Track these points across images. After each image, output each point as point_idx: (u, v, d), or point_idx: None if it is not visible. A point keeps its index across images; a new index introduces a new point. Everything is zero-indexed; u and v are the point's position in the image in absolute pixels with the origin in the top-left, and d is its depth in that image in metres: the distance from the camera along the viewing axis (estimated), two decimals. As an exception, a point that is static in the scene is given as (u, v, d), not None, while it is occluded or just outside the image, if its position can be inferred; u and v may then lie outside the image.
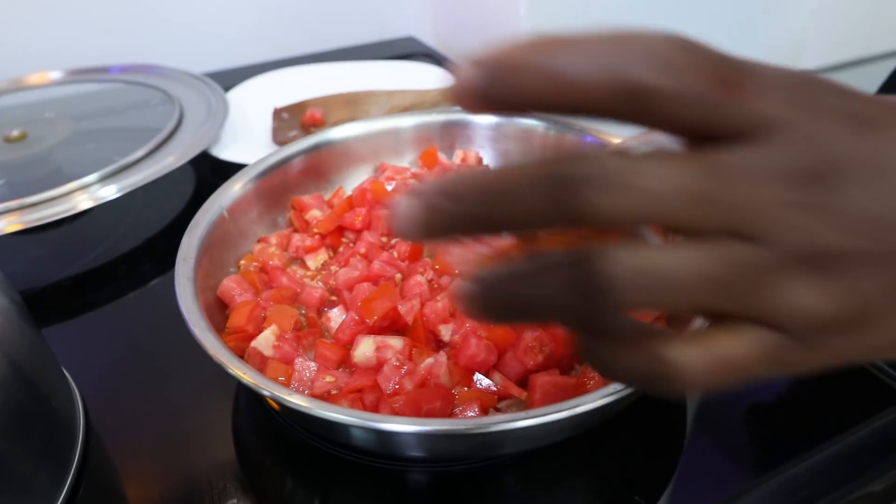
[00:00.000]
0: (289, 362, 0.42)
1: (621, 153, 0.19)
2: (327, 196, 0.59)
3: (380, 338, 0.43)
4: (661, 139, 0.21)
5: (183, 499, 0.41)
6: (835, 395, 0.46)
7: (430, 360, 0.41)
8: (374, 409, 0.40)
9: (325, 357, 0.43)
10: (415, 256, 0.52)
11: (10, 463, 0.37)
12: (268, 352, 0.43)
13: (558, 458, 0.42)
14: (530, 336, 0.41)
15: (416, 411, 0.38)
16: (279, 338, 0.44)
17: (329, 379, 0.41)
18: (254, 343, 0.43)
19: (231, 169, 0.59)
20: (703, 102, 0.19)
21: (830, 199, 0.19)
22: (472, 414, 0.39)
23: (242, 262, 0.52)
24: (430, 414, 0.38)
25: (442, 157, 0.62)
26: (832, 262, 0.19)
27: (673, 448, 0.43)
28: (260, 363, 0.43)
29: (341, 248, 0.55)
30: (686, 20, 1.03)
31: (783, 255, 0.19)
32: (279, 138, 0.73)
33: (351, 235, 0.55)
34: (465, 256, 0.23)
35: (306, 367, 0.42)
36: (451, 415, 0.39)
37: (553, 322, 0.22)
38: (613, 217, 0.19)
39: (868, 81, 1.05)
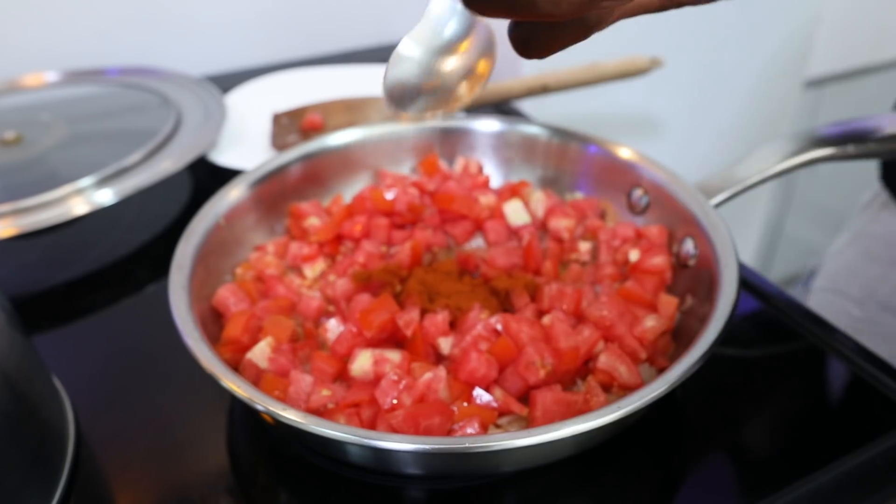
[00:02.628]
0: (284, 375, 0.42)
1: None
2: (325, 203, 0.58)
3: (378, 351, 0.42)
4: None
5: (175, 513, 0.40)
6: (842, 413, 0.45)
7: (429, 375, 0.40)
8: (372, 424, 0.39)
9: (321, 370, 0.42)
10: (414, 264, 0.51)
11: (-4, 476, 0.36)
12: (263, 364, 0.42)
13: (559, 476, 0.41)
14: (532, 351, 0.41)
15: (414, 427, 0.37)
16: (275, 350, 0.43)
17: (325, 393, 0.40)
18: (249, 355, 0.42)
19: (228, 174, 0.58)
20: None
21: None
22: (471, 430, 0.38)
23: (238, 270, 0.52)
24: (428, 430, 0.37)
25: (443, 164, 0.61)
26: None
27: (676, 466, 0.42)
28: (255, 376, 0.42)
29: (339, 257, 0.54)
30: (690, 25, 1.03)
31: None
32: (278, 143, 0.72)
33: (349, 244, 0.55)
34: None
35: (302, 380, 0.41)
36: (450, 431, 0.38)
37: None
38: None
39: (880, 92, 1.05)
